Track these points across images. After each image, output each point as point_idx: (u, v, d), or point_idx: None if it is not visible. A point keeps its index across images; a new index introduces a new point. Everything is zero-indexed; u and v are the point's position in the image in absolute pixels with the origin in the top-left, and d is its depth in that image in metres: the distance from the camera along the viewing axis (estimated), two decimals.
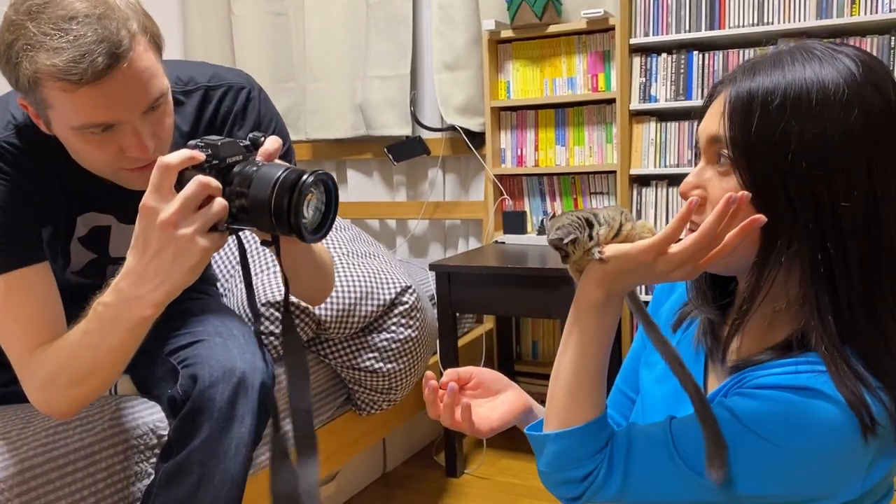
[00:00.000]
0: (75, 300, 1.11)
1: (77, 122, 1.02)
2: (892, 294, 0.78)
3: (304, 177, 0.91)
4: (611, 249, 0.78)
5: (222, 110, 1.28)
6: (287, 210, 0.90)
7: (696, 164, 0.88)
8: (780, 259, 0.77)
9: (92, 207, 1.26)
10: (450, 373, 0.97)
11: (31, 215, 1.16)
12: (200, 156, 0.94)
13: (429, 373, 0.95)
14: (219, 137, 0.97)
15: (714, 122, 0.80)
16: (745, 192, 0.72)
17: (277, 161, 0.99)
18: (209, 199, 0.93)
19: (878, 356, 0.76)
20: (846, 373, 0.74)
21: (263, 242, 1.02)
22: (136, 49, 1.00)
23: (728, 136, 0.78)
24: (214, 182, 0.92)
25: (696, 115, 0.89)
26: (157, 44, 1.07)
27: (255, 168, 0.93)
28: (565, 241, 0.79)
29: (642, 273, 0.78)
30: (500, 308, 2.47)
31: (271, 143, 1.00)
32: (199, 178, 0.91)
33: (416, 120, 2.93)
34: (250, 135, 1.01)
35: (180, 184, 0.92)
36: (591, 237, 0.79)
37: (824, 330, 0.76)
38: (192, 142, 0.96)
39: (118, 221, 1.30)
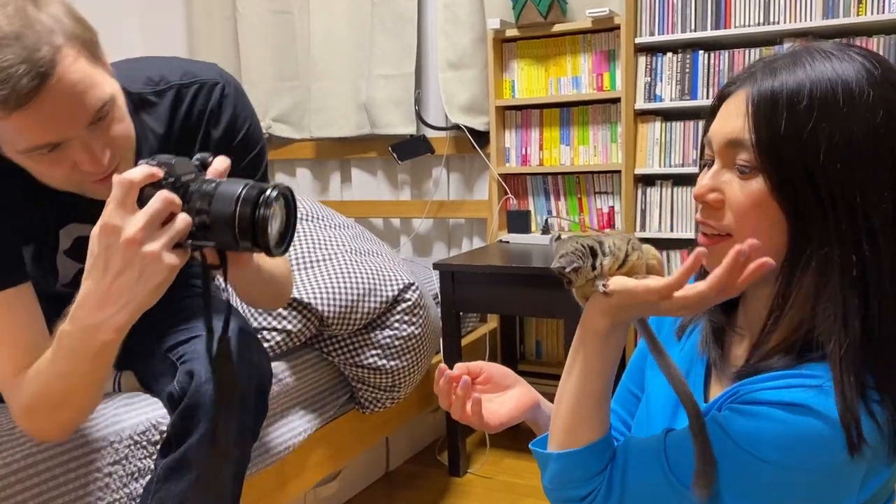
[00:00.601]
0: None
1: (21, 146, 0.99)
2: None
3: (268, 191, 0.90)
4: (615, 284, 0.78)
5: (196, 109, 1.25)
6: (252, 225, 0.89)
7: (699, 165, 0.87)
8: (811, 263, 0.76)
9: (72, 218, 1.23)
10: (460, 366, 0.98)
11: (8, 234, 1.14)
12: (159, 172, 0.91)
13: (442, 365, 0.95)
14: (171, 156, 0.95)
15: (731, 124, 0.79)
16: (755, 241, 0.69)
17: (230, 178, 0.96)
18: (171, 217, 0.90)
19: (889, 365, 0.75)
20: (850, 384, 0.73)
21: (211, 266, 0.98)
22: (62, 63, 0.95)
23: (753, 139, 0.76)
24: (177, 198, 0.90)
25: (702, 114, 0.88)
26: (90, 51, 1.01)
27: (213, 185, 0.92)
28: (567, 269, 0.79)
29: (646, 310, 0.79)
30: (504, 307, 2.47)
31: (220, 162, 0.98)
32: (164, 194, 0.89)
33: (420, 119, 2.93)
34: (198, 155, 0.99)
35: (140, 201, 0.90)
36: (593, 267, 0.79)
37: (847, 335, 0.74)
38: (143, 161, 0.93)
39: None
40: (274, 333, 1.85)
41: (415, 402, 2.35)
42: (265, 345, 1.83)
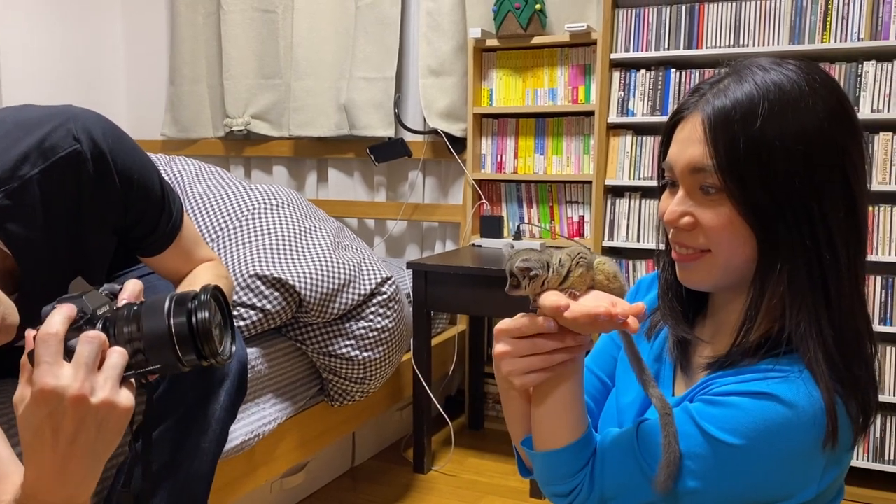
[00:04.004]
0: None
1: None
2: (863, 291, 0.83)
3: (200, 295, 0.81)
4: (542, 300, 0.83)
5: (69, 192, 1.09)
6: (192, 334, 0.79)
7: (659, 184, 0.91)
8: (781, 273, 0.81)
9: None
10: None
11: None
12: (73, 310, 0.79)
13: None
14: (79, 293, 0.83)
15: (691, 152, 0.83)
16: (635, 313, 0.78)
17: (149, 295, 0.87)
18: (102, 356, 0.79)
19: (849, 361, 0.81)
20: (824, 375, 0.78)
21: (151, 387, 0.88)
22: None
23: (715, 164, 0.80)
24: (102, 335, 0.78)
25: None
26: None
27: (135, 307, 0.82)
28: (532, 272, 0.84)
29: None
30: (475, 308, 2.51)
31: (131, 289, 0.86)
32: (89, 335, 0.77)
33: (399, 122, 2.98)
34: (105, 286, 0.88)
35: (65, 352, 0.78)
36: (543, 283, 0.84)
37: (817, 330, 0.80)
38: (47, 307, 0.81)
39: None
40: (252, 312, 1.87)
41: (383, 398, 2.39)
42: (241, 322, 1.86)
